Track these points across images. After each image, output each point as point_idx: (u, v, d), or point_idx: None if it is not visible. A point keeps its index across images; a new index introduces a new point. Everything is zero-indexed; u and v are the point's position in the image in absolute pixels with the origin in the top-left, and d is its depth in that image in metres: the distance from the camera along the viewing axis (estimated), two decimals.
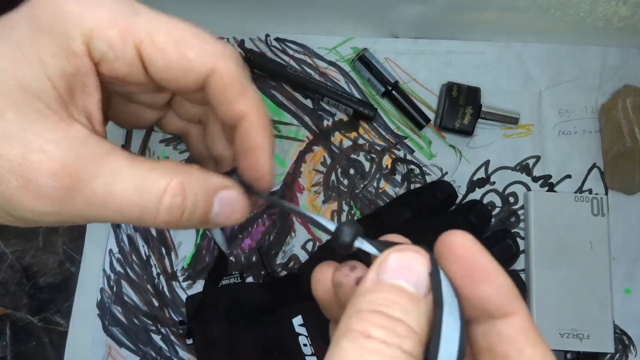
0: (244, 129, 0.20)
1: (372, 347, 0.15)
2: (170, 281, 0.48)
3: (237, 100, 0.20)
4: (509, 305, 0.16)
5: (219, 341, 0.44)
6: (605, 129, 0.49)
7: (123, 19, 0.18)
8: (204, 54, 0.19)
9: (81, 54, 0.17)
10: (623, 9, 0.44)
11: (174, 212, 0.18)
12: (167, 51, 0.18)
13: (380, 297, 0.16)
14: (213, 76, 0.19)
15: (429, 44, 0.51)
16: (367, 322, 0.15)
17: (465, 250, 0.17)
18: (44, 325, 0.47)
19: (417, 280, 0.16)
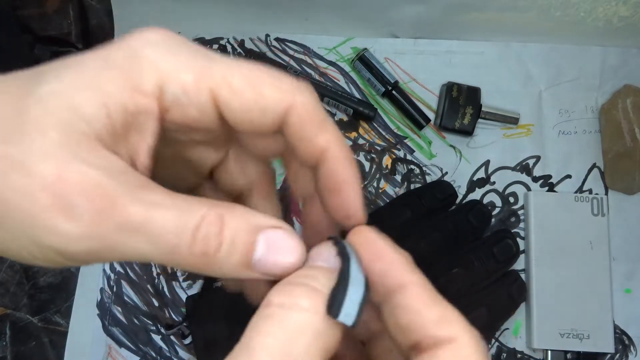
0: (327, 165, 0.19)
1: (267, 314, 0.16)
2: (170, 281, 0.48)
3: (317, 135, 0.19)
4: (400, 277, 0.17)
5: (219, 341, 0.44)
6: (605, 129, 0.49)
7: (198, 64, 0.17)
8: (280, 91, 0.18)
9: (150, 95, 0.17)
10: (623, 9, 0.44)
11: (210, 243, 0.17)
12: (243, 92, 0.18)
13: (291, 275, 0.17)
14: (291, 113, 0.18)
15: (429, 44, 0.51)
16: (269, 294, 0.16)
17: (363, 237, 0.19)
18: (44, 325, 0.47)
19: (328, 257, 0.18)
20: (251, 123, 0.18)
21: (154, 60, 0.17)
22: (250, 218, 0.17)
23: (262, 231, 0.17)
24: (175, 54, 0.17)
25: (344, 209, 0.20)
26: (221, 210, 0.17)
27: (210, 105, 0.18)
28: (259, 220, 0.17)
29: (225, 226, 0.17)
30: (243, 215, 0.17)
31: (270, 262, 0.17)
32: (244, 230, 0.17)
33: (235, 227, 0.17)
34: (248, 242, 0.17)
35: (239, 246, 0.17)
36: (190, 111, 0.18)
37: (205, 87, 0.17)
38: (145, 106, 0.17)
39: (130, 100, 0.17)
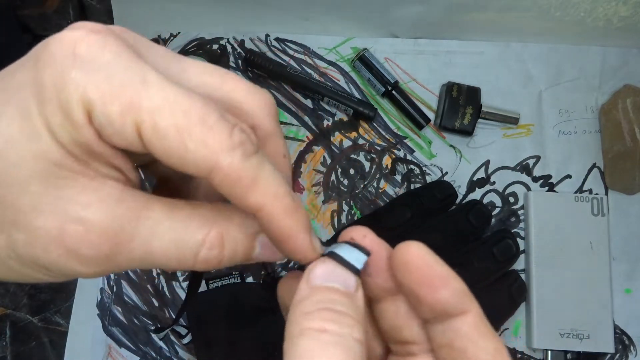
0: (264, 221, 0.18)
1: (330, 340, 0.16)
2: (170, 281, 0.48)
3: (246, 196, 0.17)
4: (463, 305, 0.18)
5: (219, 341, 0.44)
6: (605, 129, 0.49)
7: (127, 93, 0.16)
8: (205, 146, 0.16)
9: (83, 124, 0.16)
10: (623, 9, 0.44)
11: (211, 263, 0.19)
12: (166, 138, 0.16)
13: (321, 298, 0.18)
14: (215, 173, 0.16)
15: (429, 44, 0.51)
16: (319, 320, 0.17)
17: (421, 261, 0.19)
18: (44, 325, 0.47)
19: (344, 281, 0.19)
20: (178, 168, 0.17)
21: (80, 84, 0.16)
22: (247, 228, 0.19)
23: (257, 237, 0.19)
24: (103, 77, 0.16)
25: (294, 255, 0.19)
26: (220, 227, 0.18)
27: (136, 140, 0.16)
28: (252, 228, 0.19)
29: (226, 244, 0.18)
30: (240, 226, 0.19)
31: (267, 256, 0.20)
32: (243, 240, 0.19)
33: (234, 244, 0.19)
34: (248, 247, 0.19)
35: (240, 253, 0.19)
36: (117, 140, 0.16)
37: (131, 121, 0.16)
38: (87, 134, 0.16)
39: (73, 132, 0.16)
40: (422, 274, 0.19)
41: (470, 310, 0.19)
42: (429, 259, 0.19)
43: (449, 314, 0.19)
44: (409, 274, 0.19)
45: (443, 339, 0.19)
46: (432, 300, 0.18)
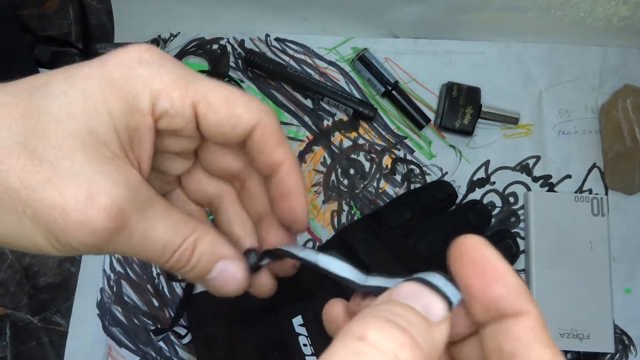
0: (281, 174, 0.23)
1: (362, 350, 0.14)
2: (170, 281, 0.48)
3: (275, 150, 0.22)
4: (519, 305, 0.17)
5: (219, 341, 0.44)
6: (605, 129, 0.49)
7: (183, 83, 0.20)
8: (250, 110, 0.21)
9: (146, 112, 0.20)
10: (623, 9, 0.44)
11: (180, 262, 0.21)
12: (219, 108, 0.21)
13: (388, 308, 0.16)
14: (257, 129, 0.22)
15: (429, 44, 0.51)
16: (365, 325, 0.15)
17: (477, 252, 0.18)
18: (44, 325, 0.47)
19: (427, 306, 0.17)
20: (223, 136, 0.22)
21: (148, 79, 0.20)
22: (216, 248, 0.22)
23: (220, 260, 0.22)
24: (165, 73, 0.20)
25: (291, 213, 0.23)
26: (198, 235, 0.22)
27: (192, 117, 0.21)
28: (221, 250, 0.22)
29: (195, 252, 0.22)
30: (211, 244, 0.22)
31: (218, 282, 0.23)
32: (207, 256, 0.22)
33: (201, 254, 0.22)
34: (207, 267, 0.22)
35: (199, 268, 0.22)
36: (177, 122, 0.21)
37: (189, 103, 0.20)
38: (143, 122, 0.20)
39: (131, 120, 0.20)
40: (476, 266, 0.17)
41: (527, 311, 0.17)
42: (485, 251, 0.18)
43: (502, 313, 0.17)
44: (463, 266, 0.18)
45: (493, 342, 0.17)
46: (484, 295, 0.17)
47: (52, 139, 0.18)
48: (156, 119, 0.20)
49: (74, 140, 0.19)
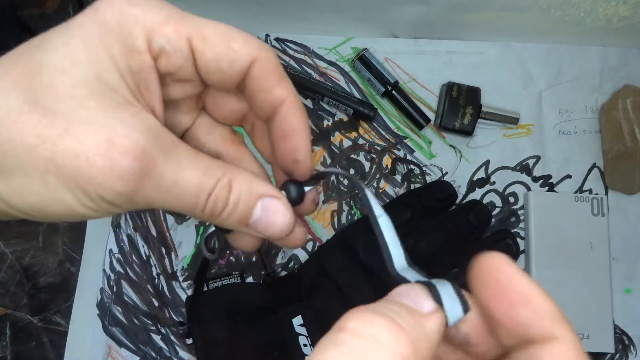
0: (282, 113, 0.22)
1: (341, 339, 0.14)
2: (170, 281, 0.48)
3: (276, 86, 0.21)
4: (549, 329, 0.15)
5: (219, 341, 0.44)
6: (605, 129, 0.49)
7: (176, 19, 0.20)
8: (247, 45, 0.20)
9: (144, 51, 0.19)
10: (623, 9, 0.44)
11: (218, 206, 0.20)
12: (214, 43, 0.20)
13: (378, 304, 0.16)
14: (255, 64, 0.21)
15: (429, 44, 0.51)
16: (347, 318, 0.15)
17: (500, 273, 0.16)
18: (44, 325, 0.47)
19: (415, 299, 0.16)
20: (221, 73, 0.20)
21: (140, 18, 0.19)
22: (254, 186, 0.21)
23: (262, 198, 0.21)
24: (157, 11, 0.20)
25: (293, 153, 0.22)
26: (231, 175, 0.20)
27: (189, 54, 0.20)
28: (260, 188, 0.21)
29: (232, 191, 0.20)
30: (248, 182, 0.21)
31: (263, 224, 0.21)
32: (246, 195, 0.20)
33: (240, 192, 0.20)
34: (248, 206, 0.20)
35: (239, 209, 0.20)
36: (175, 59, 0.20)
37: (184, 37, 0.20)
38: (144, 63, 0.19)
39: (132, 62, 0.19)
40: (499, 287, 0.16)
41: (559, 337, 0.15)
42: (509, 270, 0.16)
43: (529, 338, 0.15)
44: (485, 289, 0.16)
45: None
46: (509, 319, 0.15)
47: (60, 90, 0.18)
48: (154, 57, 0.20)
49: (83, 89, 0.18)
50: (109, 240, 0.48)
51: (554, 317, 0.15)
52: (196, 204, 0.20)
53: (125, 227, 0.49)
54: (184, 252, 0.48)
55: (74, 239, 0.49)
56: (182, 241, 0.49)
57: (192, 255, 0.49)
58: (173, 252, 0.48)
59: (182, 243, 0.49)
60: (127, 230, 0.49)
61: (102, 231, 0.49)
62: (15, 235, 0.49)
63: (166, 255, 0.48)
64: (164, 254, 0.48)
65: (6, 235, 0.48)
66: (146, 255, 0.48)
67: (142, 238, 0.49)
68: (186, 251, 0.48)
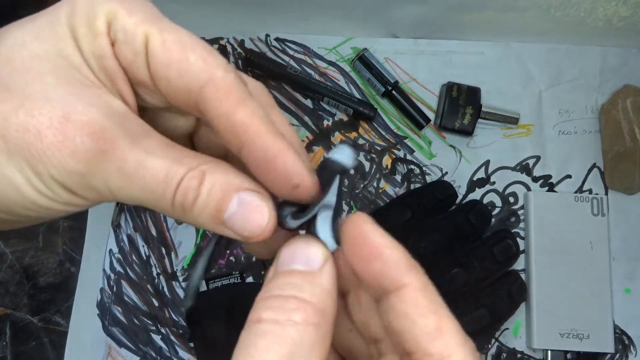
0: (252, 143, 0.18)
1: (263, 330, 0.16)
2: (170, 281, 0.48)
3: (235, 111, 0.18)
4: (398, 278, 0.16)
5: (219, 341, 0.44)
6: (605, 129, 0.49)
7: (145, 15, 0.18)
8: (204, 61, 0.18)
9: (101, 33, 0.18)
10: (623, 9, 0.44)
11: (188, 195, 0.17)
12: (170, 48, 0.18)
13: (275, 284, 0.17)
14: (209, 85, 0.18)
15: (429, 44, 0.51)
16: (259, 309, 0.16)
17: (357, 230, 0.17)
18: (44, 325, 0.47)
19: (307, 259, 0.17)
20: (168, 82, 0.18)
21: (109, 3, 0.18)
22: (231, 177, 0.18)
23: (239, 191, 0.18)
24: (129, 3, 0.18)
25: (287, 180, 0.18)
26: (206, 165, 0.18)
27: (142, 49, 0.18)
28: (237, 181, 0.18)
29: (205, 181, 0.18)
30: (224, 173, 0.18)
31: (239, 221, 0.18)
32: (220, 186, 0.18)
33: (213, 183, 0.18)
34: (222, 199, 0.18)
35: (213, 201, 0.18)
36: (125, 50, 0.18)
37: (142, 32, 0.18)
38: (104, 46, 0.18)
39: (95, 45, 0.18)
40: (357, 244, 0.17)
41: (407, 284, 0.16)
42: (366, 228, 0.17)
43: (385, 289, 0.17)
44: (347, 245, 0.17)
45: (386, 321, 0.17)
46: (366, 273, 0.17)
47: (17, 62, 0.17)
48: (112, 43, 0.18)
49: (43, 62, 0.17)
50: (109, 240, 0.48)
51: (403, 266, 0.17)
52: (164, 194, 0.17)
53: (125, 227, 0.49)
54: (184, 252, 0.48)
55: (74, 239, 0.49)
56: (182, 241, 0.49)
57: (192, 256, 0.49)
58: (173, 252, 0.48)
59: (182, 243, 0.49)
60: (127, 230, 0.49)
61: (102, 231, 0.49)
62: (15, 235, 0.49)
63: (166, 255, 0.48)
64: (164, 254, 0.48)
65: (6, 235, 0.48)
66: (146, 255, 0.48)
67: (142, 238, 0.49)
68: (186, 251, 0.48)
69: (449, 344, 0.16)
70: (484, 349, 0.46)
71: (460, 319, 0.44)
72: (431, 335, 0.16)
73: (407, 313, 0.16)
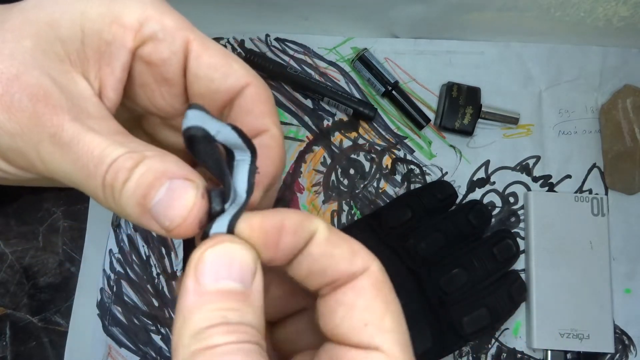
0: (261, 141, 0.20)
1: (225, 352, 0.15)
2: (170, 281, 0.48)
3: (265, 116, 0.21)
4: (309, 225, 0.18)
5: None
6: (605, 129, 0.49)
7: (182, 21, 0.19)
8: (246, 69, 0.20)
9: (129, 28, 0.18)
10: (623, 9, 0.44)
11: (119, 176, 0.16)
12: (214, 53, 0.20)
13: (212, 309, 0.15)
14: (250, 87, 0.20)
15: (429, 44, 0.51)
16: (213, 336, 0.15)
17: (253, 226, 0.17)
18: (44, 325, 0.47)
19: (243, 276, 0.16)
20: (209, 81, 0.20)
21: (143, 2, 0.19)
22: (169, 166, 0.17)
23: (172, 178, 0.16)
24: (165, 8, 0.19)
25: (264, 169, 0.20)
26: (151, 152, 0.17)
27: (180, 49, 0.19)
28: (174, 168, 0.17)
29: (140, 164, 0.16)
30: (163, 160, 0.17)
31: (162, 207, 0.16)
32: (154, 171, 0.16)
33: (148, 167, 0.16)
34: (151, 184, 0.16)
35: (142, 186, 0.16)
36: (162, 47, 0.19)
37: (181, 35, 0.19)
38: (122, 37, 0.18)
39: (107, 29, 0.18)
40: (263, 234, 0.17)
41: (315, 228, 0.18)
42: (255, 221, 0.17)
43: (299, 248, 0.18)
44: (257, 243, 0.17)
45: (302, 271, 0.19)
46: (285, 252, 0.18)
47: (8, 24, 0.17)
48: (139, 42, 0.19)
49: (28, 26, 0.17)
50: (109, 240, 0.48)
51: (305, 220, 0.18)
52: (95, 171, 0.16)
53: (125, 227, 0.49)
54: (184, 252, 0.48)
55: (74, 239, 0.49)
56: (182, 241, 0.49)
57: None
58: (173, 252, 0.48)
59: (182, 243, 0.49)
60: (127, 230, 0.49)
61: (102, 231, 0.49)
62: (15, 235, 0.49)
63: (166, 255, 0.48)
64: (164, 254, 0.49)
65: (6, 235, 0.48)
66: (146, 255, 0.48)
67: (142, 238, 0.49)
68: None
69: (365, 259, 0.19)
70: (484, 349, 0.46)
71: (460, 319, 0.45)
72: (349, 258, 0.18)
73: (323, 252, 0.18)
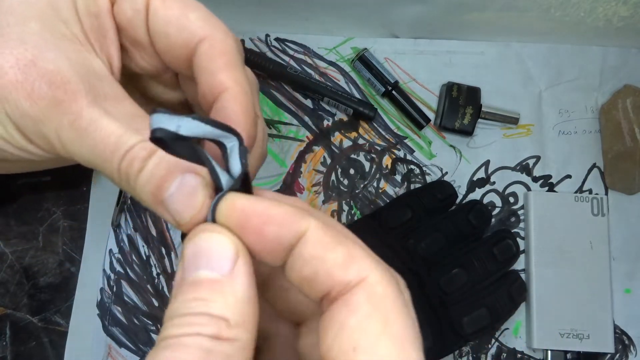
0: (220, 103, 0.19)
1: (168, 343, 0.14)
2: (170, 281, 0.48)
3: (220, 71, 0.19)
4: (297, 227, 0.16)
5: None
6: (605, 129, 0.49)
7: None
8: (205, 20, 0.19)
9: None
10: (623, 9, 0.44)
11: (134, 165, 0.17)
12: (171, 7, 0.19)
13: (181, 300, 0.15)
14: (205, 41, 0.19)
15: (429, 44, 0.51)
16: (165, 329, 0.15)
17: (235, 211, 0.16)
18: (44, 325, 0.47)
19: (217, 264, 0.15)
20: (167, 38, 0.19)
21: None
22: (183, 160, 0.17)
23: (184, 173, 0.17)
24: None
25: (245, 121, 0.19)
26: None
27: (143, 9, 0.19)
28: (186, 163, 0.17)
29: (154, 155, 0.17)
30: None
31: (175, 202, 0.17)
32: (167, 164, 0.17)
33: (161, 159, 0.17)
34: (165, 177, 0.17)
35: (156, 177, 0.17)
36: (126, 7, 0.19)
37: None
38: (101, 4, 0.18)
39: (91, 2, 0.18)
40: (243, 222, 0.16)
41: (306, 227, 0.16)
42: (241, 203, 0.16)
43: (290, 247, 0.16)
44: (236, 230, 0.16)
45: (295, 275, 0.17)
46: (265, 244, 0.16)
47: (5, 5, 0.17)
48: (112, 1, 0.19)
49: (30, 8, 0.17)
50: (109, 240, 0.48)
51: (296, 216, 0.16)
52: (111, 158, 0.17)
53: (125, 227, 0.49)
54: None
55: (74, 239, 0.49)
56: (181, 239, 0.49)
57: None
58: (173, 252, 0.48)
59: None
60: (127, 230, 0.49)
61: (102, 231, 0.49)
62: (15, 235, 0.49)
63: (166, 255, 0.48)
64: (164, 254, 0.48)
65: (6, 235, 0.48)
66: (146, 255, 0.48)
67: (142, 238, 0.49)
68: None
69: (363, 267, 0.15)
70: (484, 349, 0.46)
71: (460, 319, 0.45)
72: (343, 264, 0.15)
73: (313, 255, 0.15)
